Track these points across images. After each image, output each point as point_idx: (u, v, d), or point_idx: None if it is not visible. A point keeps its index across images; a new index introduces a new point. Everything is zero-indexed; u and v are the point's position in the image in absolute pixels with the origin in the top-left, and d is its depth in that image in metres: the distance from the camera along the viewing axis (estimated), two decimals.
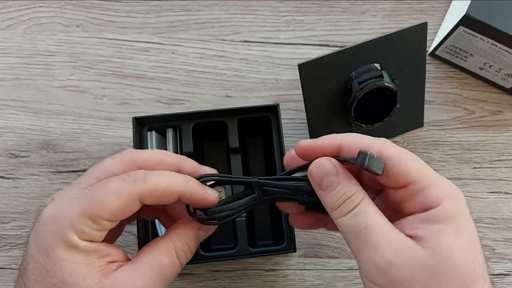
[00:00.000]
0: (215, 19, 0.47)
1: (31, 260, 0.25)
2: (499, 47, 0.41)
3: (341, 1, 0.48)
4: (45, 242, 0.25)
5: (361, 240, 0.24)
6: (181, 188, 0.27)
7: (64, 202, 0.25)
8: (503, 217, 0.43)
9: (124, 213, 0.25)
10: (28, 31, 0.46)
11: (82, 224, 0.25)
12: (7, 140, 0.44)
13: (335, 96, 0.40)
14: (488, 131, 0.45)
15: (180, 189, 0.27)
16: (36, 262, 0.25)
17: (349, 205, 0.25)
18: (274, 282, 0.41)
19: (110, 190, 0.25)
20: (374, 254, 0.24)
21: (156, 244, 0.27)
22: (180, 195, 0.27)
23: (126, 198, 0.25)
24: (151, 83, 0.45)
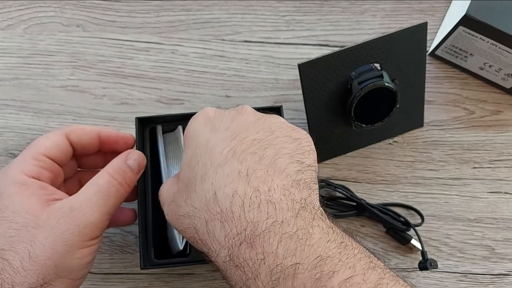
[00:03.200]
0: (215, 19, 0.47)
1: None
2: (499, 47, 0.41)
3: (341, 1, 0.48)
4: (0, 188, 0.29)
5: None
6: (97, 128, 0.34)
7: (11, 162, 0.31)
8: (503, 217, 0.43)
9: (56, 148, 0.32)
10: (28, 31, 0.46)
11: (27, 163, 0.30)
12: (7, 140, 0.44)
13: (335, 96, 0.40)
14: (488, 131, 0.45)
15: (96, 128, 0.34)
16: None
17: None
18: None
19: (41, 136, 0.32)
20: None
21: (94, 177, 0.31)
22: (99, 133, 0.34)
23: (55, 136, 0.32)
24: (151, 83, 0.45)
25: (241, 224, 0.23)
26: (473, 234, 0.42)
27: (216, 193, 0.24)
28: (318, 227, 0.23)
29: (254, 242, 0.22)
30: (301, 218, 0.23)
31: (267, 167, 0.25)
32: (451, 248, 0.42)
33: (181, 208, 0.27)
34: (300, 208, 0.23)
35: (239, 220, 0.23)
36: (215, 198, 0.24)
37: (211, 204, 0.24)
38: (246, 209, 0.23)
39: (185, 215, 0.26)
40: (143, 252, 0.36)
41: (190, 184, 0.26)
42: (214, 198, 0.24)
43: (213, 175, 0.25)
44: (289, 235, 0.22)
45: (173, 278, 0.41)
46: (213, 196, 0.24)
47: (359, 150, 0.44)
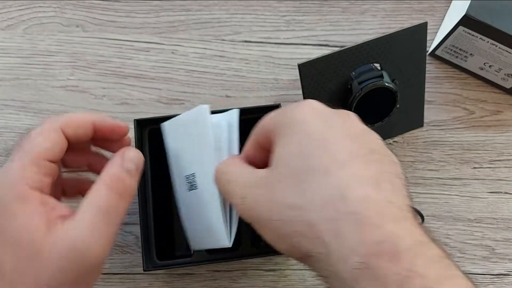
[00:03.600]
0: (215, 19, 0.47)
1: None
2: (499, 47, 0.41)
3: (341, 1, 0.48)
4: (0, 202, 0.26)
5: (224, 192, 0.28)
6: (92, 117, 0.30)
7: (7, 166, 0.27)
8: (503, 217, 0.43)
9: (56, 148, 0.28)
10: (28, 31, 0.46)
11: (28, 171, 0.27)
12: (7, 140, 0.44)
13: (335, 96, 0.40)
14: (488, 131, 0.45)
15: (91, 117, 0.30)
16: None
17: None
18: (274, 282, 0.41)
19: (34, 134, 0.28)
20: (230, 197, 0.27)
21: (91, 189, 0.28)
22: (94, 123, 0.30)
23: (51, 133, 0.28)
24: (151, 83, 0.45)
25: (381, 233, 0.21)
26: (473, 234, 0.42)
27: (345, 192, 0.22)
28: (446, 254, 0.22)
29: (400, 257, 0.21)
30: (435, 244, 0.22)
31: (389, 183, 0.24)
32: (451, 248, 0.42)
33: (286, 197, 0.24)
34: (426, 231, 0.23)
35: (379, 229, 0.21)
36: (343, 197, 0.22)
37: (337, 202, 0.22)
38: (386, 219, 0.22)
39: (292, 205, 0.24)
40: (145, 253, 0.36)
41: (301, 174, 0.24)
42: (341, 197, 0.22)
43: (337, 172, 0.23)
44: (436, 259, 0.21)
45: (173, 278, 0.41)
46: (341, 194, 0.22)
47: None
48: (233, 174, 0.28)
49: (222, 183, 0.28)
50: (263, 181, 0.25)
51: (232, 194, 0.27)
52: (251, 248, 0.37)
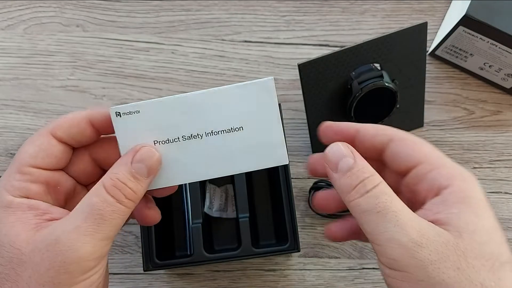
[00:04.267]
0: (215, 19, 0.47)
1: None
2: (499, 47, 0.41)
3: (341, 1, 0.48)
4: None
5: (383, 220, 0.23)
6: (85, 113, 0.28)
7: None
8: (503, 217, 0.43)
9: (43, 154, 0.26)
10: (28, 31, 0.46)
11: (11, 180, 0.26)
12: (7, 140, 0.44)
13: (335, 96, 0.40)
14: (488, 131, 0.45)
15: (83, 113, 0.28)
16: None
17: (369, 184, 0.24)
18: (274, 282, 0.41)
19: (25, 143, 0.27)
20: (399, 234, 0.22)
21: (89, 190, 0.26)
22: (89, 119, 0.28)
23: (39, 139, 0.27)
24: (151, 83, 0.45)
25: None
26: None
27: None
28: None
29: None
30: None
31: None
32: None
33: (482, 278, 0.22)
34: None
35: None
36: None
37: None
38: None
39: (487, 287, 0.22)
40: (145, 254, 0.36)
41: (496, 261, 0.22)
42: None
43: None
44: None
45: (173, 278, 0.41)
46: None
47: None
48: (396, 204, 0.24)
49: (379, 203, 0.23)
50: (451, 243, 0.22)
51: (400, 228, 0.23)
52: (251, 248, 0.37)
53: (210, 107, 0.28)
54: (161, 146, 0.28)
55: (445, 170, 0.25)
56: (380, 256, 0.23)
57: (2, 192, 0.25)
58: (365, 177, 0.24)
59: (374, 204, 0.23)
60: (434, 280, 0.22)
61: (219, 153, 0.28)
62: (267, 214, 0.42)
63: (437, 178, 0.24)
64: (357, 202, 0.24)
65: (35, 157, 0.26)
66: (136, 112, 0.28)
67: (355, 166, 0.25)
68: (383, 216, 0.23)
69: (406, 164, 0.26)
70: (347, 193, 0.24)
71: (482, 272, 0.22)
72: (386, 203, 0.23)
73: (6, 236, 0.24)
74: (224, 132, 0.28)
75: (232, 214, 0.41)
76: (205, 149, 0.28)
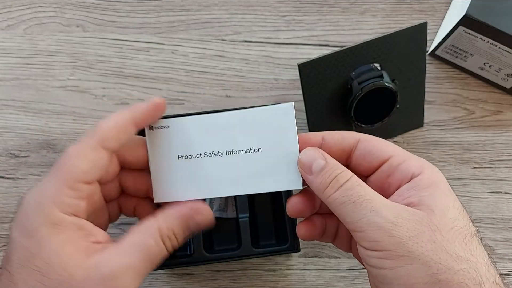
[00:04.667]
0: (215, 19, 0.47)
1: (14, 246, 0.25)
2: (499, 47, 0.41)
3: (341, 1, 0.48)
4: (28, 224, 0.25)
5: (359, 207, 0.25)
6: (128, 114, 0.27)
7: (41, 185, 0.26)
8: (503, 217, 0.43)
9: (95, 168, 0.26)
10: (28, 31, 0.46)
11: (62, 195, 0.25)
12: (7, 140, 0.44)
13: (335, 96, 0.40)
14: (488, 131, 0.45)
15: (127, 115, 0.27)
16: (19, 247, 0.24)
17: (341, 179, 0.26)
18: (274, 282, 0.41)
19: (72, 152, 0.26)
20: (376, 217, 0.24)
21: (143, 225, 0.27)
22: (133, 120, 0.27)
23: (90, 153, 0.26)
24: (151, 83, 0.45)
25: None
26: None
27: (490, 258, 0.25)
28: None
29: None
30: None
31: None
32: None
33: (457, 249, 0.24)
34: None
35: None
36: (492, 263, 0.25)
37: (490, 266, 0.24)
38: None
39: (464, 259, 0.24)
40: None
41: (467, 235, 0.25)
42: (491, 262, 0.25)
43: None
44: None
45: (173, 278, 0.41)
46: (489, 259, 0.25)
47: None
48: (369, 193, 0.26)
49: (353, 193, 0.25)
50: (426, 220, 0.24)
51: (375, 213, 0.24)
52: (251, 248, 0.37)
53: (232, 127, 0.30)
54: (184, 161, 0.30)
55: (414, 161, 0.27)
56: (362, 241, 0.25)
57: (52, 208, 0.25)
58: (337, 173, 0.26)
59: (349, 195, 0.25)
60: (414, 254, 0.23)
61: (236, 172, 0.29)
62: (267, 214, 0.42)
63: (409, 168, 0.27)
64: (333, 197, 0.26)
65: (88, 173, 0.26)
66: (166, 127, 0.30)
67: (327, 165, 0.27)
68: (359, 205, 0.25)
69: (378, 158, 0.28)
70: (323, 190, 0.26)
71: (456, 243, 0.24)
72: (359, 192, 0.25)
73: (58, 257, 0.24)
74: (243, 152, 0.29)
75: (232, 214, 0.41)
76: (224, 167, 0.30)
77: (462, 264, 0.23)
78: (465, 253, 0.24)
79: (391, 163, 0.28)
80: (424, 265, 0.23)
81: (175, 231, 0.27)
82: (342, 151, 0.29)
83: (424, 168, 0.27)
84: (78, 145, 0.26)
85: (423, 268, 0.23)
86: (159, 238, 0.26)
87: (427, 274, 0.23)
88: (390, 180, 0.28)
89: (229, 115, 0.30)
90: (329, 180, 0.26)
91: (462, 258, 0.24)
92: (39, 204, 0.25)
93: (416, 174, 0.27)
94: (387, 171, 0.28)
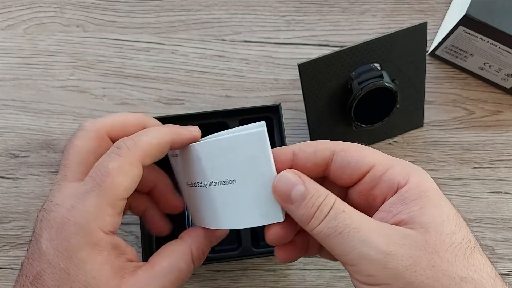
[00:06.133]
0: (215, 19, 0.47)
1: (48, 266, 0.24)
2: (499, 47, 0.41)
3: (341, 1, 0.48)
4: (67, 245, 0.24)
5: (347, 239, 0.22)
6: (170, 135, 0.27)
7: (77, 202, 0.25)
8: (503, 217, 0.43)
9: (134, 184, 0.26)
10: (28, 31, 0.46)
11: (104, 214, 0.24)
12: (7, 140, 0.44)
13: (335, 96, 0.40)
14: (488, 131, 0.45)
15: (169, 136, 0.27)
16: (55, 267, 0.24)
17: (325, 208, 0.23)
18: (274, 282, 0.41)
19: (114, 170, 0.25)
20: (366, 249, 0.22)
21: (174, 249, 0.28)
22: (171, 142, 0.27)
23: (131, 169, 0.25)
24: (151, 83, 0.45)
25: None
26: None
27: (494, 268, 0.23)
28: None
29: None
30: None
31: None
32: None
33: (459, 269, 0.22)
34: None
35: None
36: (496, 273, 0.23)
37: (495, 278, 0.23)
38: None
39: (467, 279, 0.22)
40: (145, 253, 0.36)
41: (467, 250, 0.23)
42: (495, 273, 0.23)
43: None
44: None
45: None
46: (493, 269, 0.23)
47: None
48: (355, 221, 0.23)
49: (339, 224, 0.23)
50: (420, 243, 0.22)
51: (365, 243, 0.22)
52: (251, 248, 0.37)
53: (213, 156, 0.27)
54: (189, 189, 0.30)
55: (399, 168, 0.25)
56: (356, 275, 0.23)
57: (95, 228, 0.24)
58: (320, 202, 0.23)
59: (334, 226, 0.23)
60: (414, 284, 0.21)
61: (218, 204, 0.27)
62: None
63: (394, 177, 0.24)
64: (318, 229, 0.23)
65: (129, 190, 0.25)
66: (175, 155, 0.30)
67: (307, 192, 0.24)
68: (346, 236, 0.22)
69: (358, 170, 0.25)
70: (307, 222, 0.24)
71: (457, 263, 0.22)
72: (345, 221, 0.23)
73: (95, 280, 0.24)
74: (220, 183, 0.27)
75: None
76: (209, 198, 0.28)
77: (467, 286, 0.21)
78: (468, 272, 0.22)
79: (373, 174, 0.25)
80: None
81: (205, 250, 0.29)
82: (317, 166, 0.26)
83: (409, 176, 0.24)
84: (118, 161, 0.25)
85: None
86: (190, 260, 0.27)
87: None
88: (374, 192, 0.25)
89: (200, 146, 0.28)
90: (313, 211, 0.23)
91: (465, 279, 0.22)
92: (81, 225, 0.24)
93: (402, 183, 0.24)
94: (370, 182, 0.25)
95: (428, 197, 0.23)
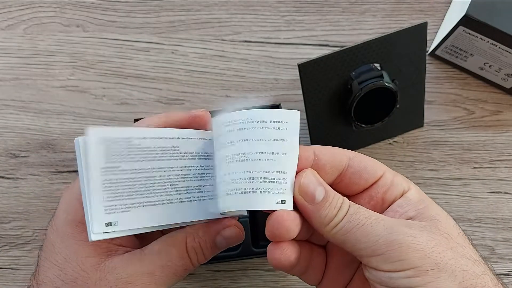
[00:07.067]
0: (215, 19, 0.47)
1: (45, 239, 0.26)
2: (499, 47, 0.41)
3: (341, 1, 0.48)
4: (58, 221, 0.26)
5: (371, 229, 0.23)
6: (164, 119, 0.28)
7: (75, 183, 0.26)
8: (503, 217, 0.43)
9: None
10: (28, 31, 0.46)
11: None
12: (7, 140, 0.44)
13: (335, 96, 0.40)
14: (488, 131, 0.45)
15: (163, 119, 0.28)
16: (47, 240, 0.26)
17: (344, 207, 0.24)
18: (274, 282, 0.41)
19: None
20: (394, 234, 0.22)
21: (169, 235, 0.27)
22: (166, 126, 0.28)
23: None
24: (151, 83, 0.45)
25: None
26: (473, 234, 0.42)
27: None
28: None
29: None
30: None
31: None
32: None
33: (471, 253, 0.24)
34: None
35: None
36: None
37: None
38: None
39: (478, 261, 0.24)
40: None
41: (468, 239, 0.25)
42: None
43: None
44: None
45: None
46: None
47: (359, 150, 0.44)
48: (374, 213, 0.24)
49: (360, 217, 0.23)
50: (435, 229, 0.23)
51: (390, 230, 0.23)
52: (251, 248, 0.37)
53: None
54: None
55: (401, 177, 0.27)
56: (383, 264, 0.22)
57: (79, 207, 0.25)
58: (340, 203, 0.24)
59: (355, 220, 0.23)
60: (440, 265, 0.22)
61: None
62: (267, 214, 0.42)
63: (400, 183, 0.26)
64: (339, 227, 0.23)
65: None
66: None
67: (328, 195, 0.24)
68: (370, 226, 0.23)
69: (374, 175, 0.26)
70: (328, 222, 0.24)
71: (466, 248, 0.24)
72: (365, 214, 0.24)
73: (76, 254, 0.24)
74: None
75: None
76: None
77: (480, 267, 0.23)
78: (477, 256, 0.24)
79: (386, 178, 0.26)
80: (451, 276, 0.22)
81: (202, 245, 0.27)
82: (334, 170, 0.26)
83: (409, 184, 0.26)
84: None
85: (451, 279, 0.22)
86: (184, 249, 0.26)
87: (455, 284, 0.22)
88: (386, 196, 0.26)
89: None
90: (335, 212, 0.24)
91: (477, 261, 0.23)
92: (68, 202, 0.26)
93: (407, 189, 0.26)
94: (383, 186, 0.26)
95: (428, 200, 0.26)
